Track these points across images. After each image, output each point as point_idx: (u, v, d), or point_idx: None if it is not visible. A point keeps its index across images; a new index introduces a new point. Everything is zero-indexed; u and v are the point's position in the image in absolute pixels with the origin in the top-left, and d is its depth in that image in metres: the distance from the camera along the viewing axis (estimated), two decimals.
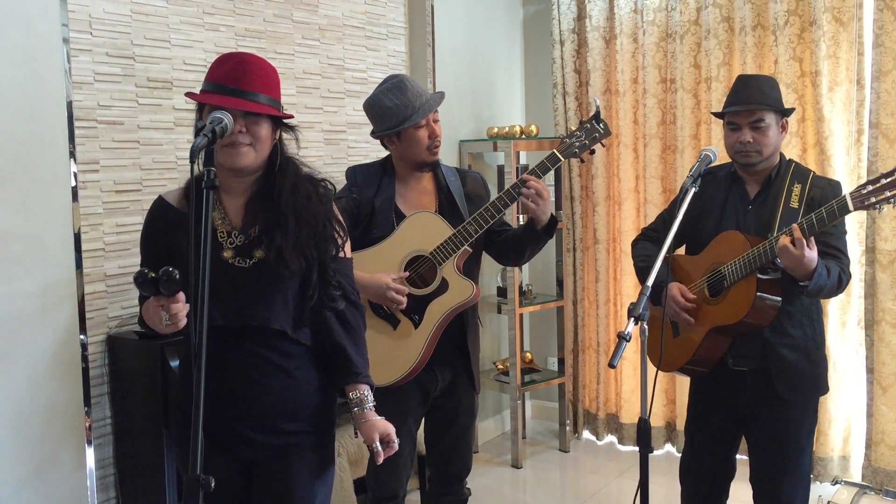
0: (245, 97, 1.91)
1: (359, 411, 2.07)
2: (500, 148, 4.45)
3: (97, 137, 2.96)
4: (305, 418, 2.07)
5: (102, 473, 2.96)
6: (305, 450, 2.08)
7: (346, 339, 2.09)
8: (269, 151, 2.00)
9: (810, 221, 2.42)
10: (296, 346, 2.04)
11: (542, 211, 2.65)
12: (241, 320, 1.96)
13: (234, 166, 1.95)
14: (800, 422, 2.69)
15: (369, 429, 2.05)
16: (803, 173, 2.70)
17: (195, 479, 1.49)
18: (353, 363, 2.08)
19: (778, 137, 2.68)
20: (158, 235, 2.04)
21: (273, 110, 1.96)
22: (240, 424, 2.01)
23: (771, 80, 2.77)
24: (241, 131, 1.91)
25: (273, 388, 2.01)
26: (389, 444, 2.05)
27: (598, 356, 4.77)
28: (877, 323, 3.77)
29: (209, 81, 1.96)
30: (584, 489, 4.24)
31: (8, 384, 2.67)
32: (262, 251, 1.97)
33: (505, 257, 2.91)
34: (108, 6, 2.98)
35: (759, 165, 2.68)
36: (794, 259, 2.40)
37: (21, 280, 2.69)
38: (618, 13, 4.52)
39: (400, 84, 2.69)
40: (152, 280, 1.71)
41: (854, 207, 2.37)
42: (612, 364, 2.04)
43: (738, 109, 2.65)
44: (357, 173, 2.80)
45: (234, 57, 1.99)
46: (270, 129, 1.98)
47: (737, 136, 2.66)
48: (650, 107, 4.45)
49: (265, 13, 3.54)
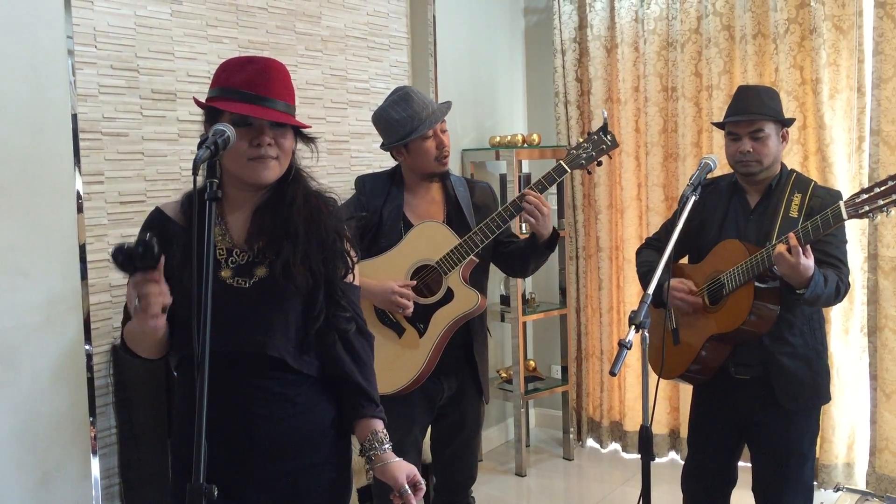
0: (274, 106, 1.76)
1: (376, 454, 1.85)
2: (502, 157, 4.47)
3: (102, 149, 2.99)
4: (317, 451, 1.87)
5: (108, 483, 2.97)
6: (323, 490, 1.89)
7: (357, 372, 1.89)
8: (288, 163, 1.86)
9: (806, 230, 2.44)
10: (297, 375, 1.83)
11: (542, 225, 2.66)
12: (237, 346, 1.77)
13: (261, 182, 1.79)
14: (802, 431, 2.70)
15: (394, 472, 1.83)
16: (804, 183, 2.71)
17: (198, 489, 1.42)
18: (365, 398, 1.89)
19: (778, 147, 2.69)
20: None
21: (302, 125, 1.84)
22: (246, 463, 1.80)
23: (771, 90, 2.79)
24: (269, 144, 1.76)
25: (276, 419, 1.81)
26: (418, 487, 1.83)
27: (602, 364, 4.77)
28: (880, 330, 3.77)
29: (226, 87, 1.78)
30: (588, 497, 4.24)
31: (14, 394, 2.68)
32: (265, 269, 1.81)
33: (511, 269, 2.94)
34: (113, 19, 3.00)
35: (759, 175, 2.69)
36: (790, 266, 2.41)
37: (26, 291, 2.71)
38: (619, 22, 4.54)
39: (406, 96, 2.71)
40: (128, 252, 1.55)
41: (848, 216, 2.39)
42: (613, 372, 2.05)
43: (738, 119, 2.67)
44: (366, 183, 2.82)
45: (255, 61, 1.81)
46: (293, 140, 1.85)
47: (737, 146, 2.68)
48: (651, 115, 4.47)
49: (268, 25, 3.56)
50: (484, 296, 2.76)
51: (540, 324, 5.08)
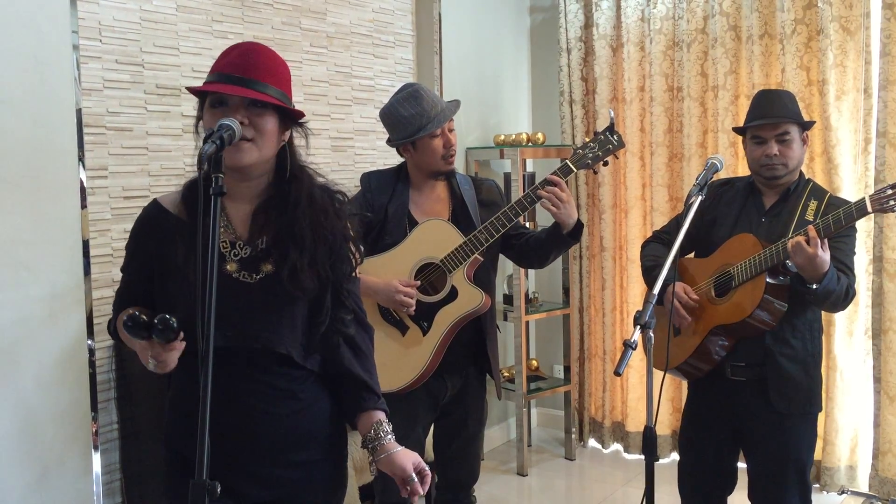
0: (249, 86, 1.71)
1: (379, 444, 1.84)
2: (506, 155, 4.46)
3: (106, 144, 2.98)
4: (316, 446, 1.87)
5: (109, 478, 2.97)
6: (321, 486, 1.89)
7: (358, 365, 1.89)
8: (274, 151, 1.79)
9: (826, 222, 2.45)
10: (301, 371, 1.83)
11: (566, 214, 2.64)
12: (244, 342, 1.75)
13: (235, 164, 1.71)
14: (799, 439, 2.69)
15: (401, 461, 1.81)
16: (820, 192, 2.72)
17: (201, 485, 1.41)
18: (367, 391, 1.89)
19: (801, 151, 2.70)
20: (150, 242, 1.83)
21: (280, 102, 1.75)
22: (246, 460, 1.80)
23: (791, 94, 2.82)
24: (243, 123, 1.69)
25: (279, 415, 1.80)
26: (424, 476, 1.82)
27: (604, 364, 4.76)
28: (884, 332, 3.76)
29: (213, 72, 1.76)
30: (590, 497, 4.23)
31: (16, 389, 2.68)
32: (271, 265, 1.78)
33: (526, 260, 2.91)
34: (118, 13, 2.99)
35: (783, 179, 2.69)
36: (807, 257, 2.40)
37: (29, 285, 2.71)
38: (625, 21, 4.52)
39: (415, 93, 2.70)
40: (144, 324, 1.54)
41: (872, 209, 2.40)
42: (617, 372, 2.05)
43: (765, 122, 2.67)
44: (372, 179, 2.81)
45: (240, 45, 1.79)
46: (277, 124, 1.76)
47: (763, 150, 2.67)
48: (657, 115, 4.45)
49: (273, 21, 3.55)
50: (491, 293, 2.75)
51: (543, 323, 5.07)
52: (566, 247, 2.78)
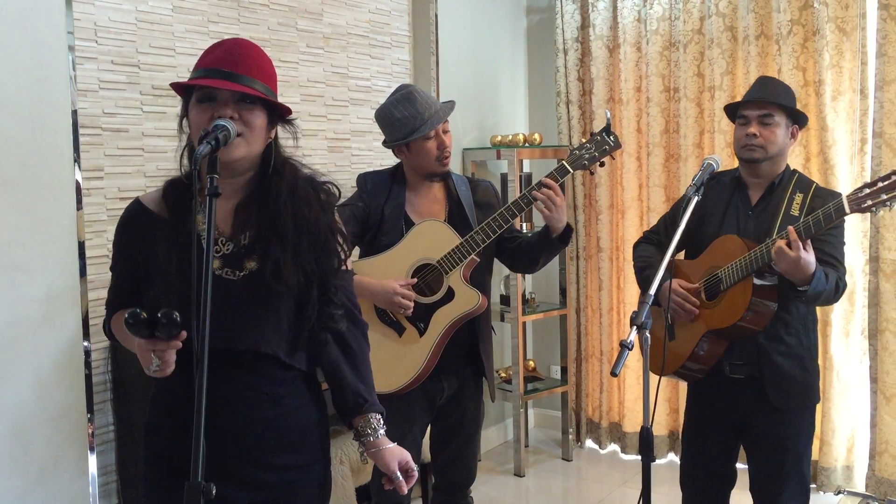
0: (238, 81, 1.70)
1: (369, 440, 1.86)
2: (503, 156, 4.46)
3: (102, 145, 2.97)
4: (301, 451, 1.84)
5: (105, 480, 2.96)
6: (305, 489, 1.87)
7: (348, 366, 1.87)
8: (262, 146, 1.77)
9: (807, 224, 2.43)
10: (287, 372, 1.80)
11: (556, 218, 2.64)
12: (227, 342, 1.70)
13: (223, 159, 1.65)
14: (797, 430, 2.70)
15: (387, 457, 1.85)
16: (806, 184, 2.71)
17: (196, 487, 1.40)
18: (359, 394, 1.87)
19: (785, 140, 2.69)
20: (133, 241, 1.82)
21: (268, 97, 1.75)
22: (229, 462, 1.75)
23: (788, 87, 2.81)
24: (232, 117, 1.68)
25: (262, 419, 1.78)
26: (410, 474, 1.86)
27: (601, 365, 4.77)
28: (880, 332, 3.76)
29: (198, 68, 1.74)
30: (587, 498, 4.23)
31: (11, 390, 2.67)
32: (255, 262, 1.75)
33: (518, 264, 2.92)
34: (114, 14, 2.99)
35: (762, 165, 2.68)
36: (790, 261, 2.39)
37: (25, 287, 2.70)
38: (621, 22, 4.52)
39: (409, 95, 2.70)
40: (146, 321, 1.49)
41: (850, 210, 2.38)
42: (614, 373, 2.05)
43: (748, 100, 2.69)
44: (367, 180, 2.81)
45: (226, 42, 1.78)
46: (265, 120, 1.75)
47: (744, 130, 2.68)
48: (653, 116, 4.46)
49: (270, 21, 3.55)
50: (487, 294, 2.74)
51: (540, 324, 5.07)
52: (555, 251, 2.78)
